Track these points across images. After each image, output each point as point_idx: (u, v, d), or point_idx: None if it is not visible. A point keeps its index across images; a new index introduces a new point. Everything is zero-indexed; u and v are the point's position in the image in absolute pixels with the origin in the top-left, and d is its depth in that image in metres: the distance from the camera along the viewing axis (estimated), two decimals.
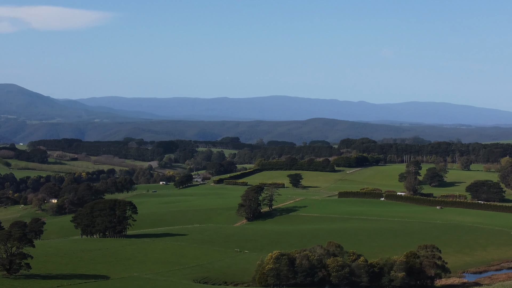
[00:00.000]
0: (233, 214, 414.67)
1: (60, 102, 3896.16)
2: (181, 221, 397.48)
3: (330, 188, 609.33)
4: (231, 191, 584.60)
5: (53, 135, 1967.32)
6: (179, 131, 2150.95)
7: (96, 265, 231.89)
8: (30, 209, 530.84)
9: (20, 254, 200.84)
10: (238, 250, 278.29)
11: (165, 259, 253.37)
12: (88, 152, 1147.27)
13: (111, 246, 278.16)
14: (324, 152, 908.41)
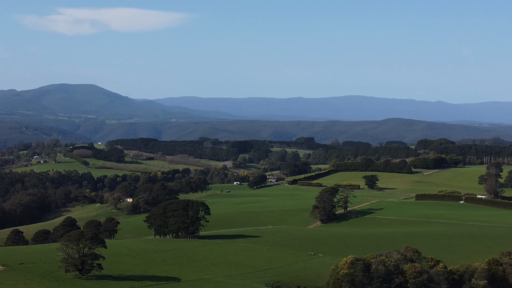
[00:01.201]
0: (307, 216, 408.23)
1: (138, 102, 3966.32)
2: (254, 222, 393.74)
3: (407, 190, 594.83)
4: (305, 192, 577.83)
5: (131, 135, 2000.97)
6: (254, 131, 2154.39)
7: (168, 267, 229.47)
8: (106, 208, 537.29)
9: (92, 255, 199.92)
10: (312, 253, 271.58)
11: (237, 261, 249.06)
12: (164, 151, 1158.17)
13: (183, 247, 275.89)
14: (401, 153, 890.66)
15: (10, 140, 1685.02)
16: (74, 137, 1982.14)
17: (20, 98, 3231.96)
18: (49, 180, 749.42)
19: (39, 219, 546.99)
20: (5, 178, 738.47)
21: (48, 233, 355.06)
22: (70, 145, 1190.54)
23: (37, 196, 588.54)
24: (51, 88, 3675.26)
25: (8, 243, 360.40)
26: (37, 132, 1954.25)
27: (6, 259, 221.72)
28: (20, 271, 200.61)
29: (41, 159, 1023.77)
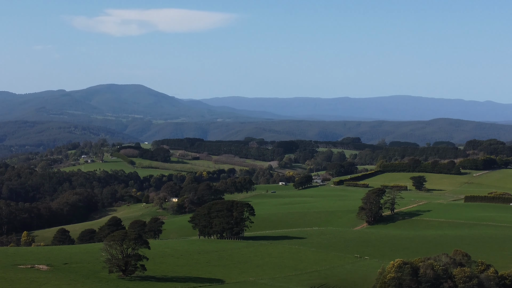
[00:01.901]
0: (353, 217, 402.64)
1: (184, 102, 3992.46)
2: (300, 224, 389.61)
3: (456, 192, 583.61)
4: (351, 193, 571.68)
5: (177, 135, 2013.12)
6: (300, 131, 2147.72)
7: (212, 268, 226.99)
8: (151, 207, 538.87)
9: (135, 256, 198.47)
10: (358, 256, 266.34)
11: (282, 263, 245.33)
12: (210, 151, 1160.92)
13: (228, 248, 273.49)
14: (449, 154, 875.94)
15: (59, 140, 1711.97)
16: (122, 136, 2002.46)
17: (69, 98, 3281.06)
18: (96, 179, 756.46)
19: (86, 218, 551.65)
20: (53, 177, 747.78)
21: (93, 232, 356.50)
22: (117, 145, 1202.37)
23: (84, 196, 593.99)
24: (99, 88, 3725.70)
25: (54, 242, 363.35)
26: (86, 131, 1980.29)
27: (51, 259, 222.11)
28: (64, 271, 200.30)
29: (89, 158, 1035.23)
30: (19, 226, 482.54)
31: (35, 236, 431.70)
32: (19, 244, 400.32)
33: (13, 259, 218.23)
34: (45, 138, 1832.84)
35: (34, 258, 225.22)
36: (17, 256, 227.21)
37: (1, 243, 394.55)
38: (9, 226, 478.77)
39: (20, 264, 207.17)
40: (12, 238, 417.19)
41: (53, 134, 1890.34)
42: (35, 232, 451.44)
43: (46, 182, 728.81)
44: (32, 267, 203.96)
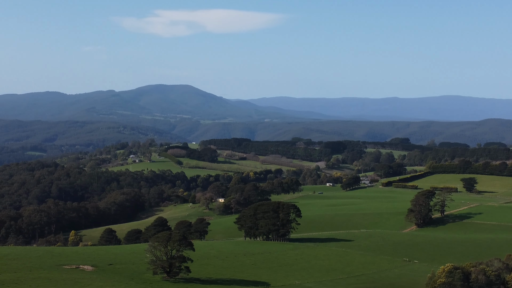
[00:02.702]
0: (402, 220, 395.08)
1: (232, 103, 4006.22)
2: (347, 225, 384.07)
3: (508, 194, 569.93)
4: (400, 194, 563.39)
5: (225, 135, 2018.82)
6: (348, 131, 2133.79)
7: (257, 270, 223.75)
8: (198, 208, 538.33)
9: (180, 257, 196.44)
10: (407, 260, 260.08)
11: (329, 266, 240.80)
12: (257, 151, 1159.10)
13: (274, 250, 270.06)
14: (501, 155, 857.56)
15: (108, 140, 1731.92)
16: (170, 136, 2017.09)
17: (118, 98, 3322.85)
18: (143, 179, 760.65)
19: (133, 218, 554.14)
20: (101, 177, 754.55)
21: (140, 232, 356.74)
22: (165, 145, 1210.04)
23: (131, 195, 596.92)
24: (148, 88, 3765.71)
25: (101, 242, 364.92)
26: (134, 131, 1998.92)
27: (96, 260, 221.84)
28: (109, 272, 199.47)
29: (137, 158, 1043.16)
30: (67, 226, 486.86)
31: (83, 235, 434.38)
32: (66, 244, 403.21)
33: (59, 259, 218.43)
34: (95, 138, 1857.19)
35: (80, 258, 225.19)
36: (62, 257, 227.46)
37: (49, 242, 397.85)
38: (57, 225, 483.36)
39: (65, 265, 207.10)
40: (60, 238, 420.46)
41: (103, 134, 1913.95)
42: (82, 232, 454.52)
43: (94, 182, 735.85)
44: (77, 268, 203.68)
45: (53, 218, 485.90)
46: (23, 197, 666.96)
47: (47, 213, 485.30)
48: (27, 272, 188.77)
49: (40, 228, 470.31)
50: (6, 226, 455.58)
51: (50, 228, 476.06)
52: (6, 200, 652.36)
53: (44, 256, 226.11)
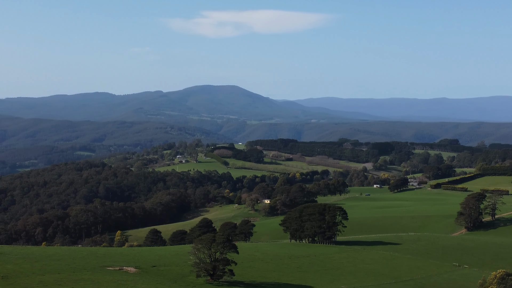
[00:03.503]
0: (451, 223, 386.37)
1: (279, 103, 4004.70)
2: (395, 228, 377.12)
3: None
4: (449, 197, 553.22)
5: (271, 135, 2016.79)
6: (395, 132, 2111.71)
7: (303, 274, 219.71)
8: (243, 209, 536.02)
9: (223, 260, 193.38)
10: (457, 265, 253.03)
11: (376, 270, 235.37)
12: (303, 152, 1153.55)
13: (319, 253, 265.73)
14: None
15: (156, 140, 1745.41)
16: (217, 137, 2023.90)
17: (166, 99, 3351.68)
18: (189, 179, 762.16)
19: (179, 218, 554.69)
20: (148, 177, 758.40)
21: (185, 233, 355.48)
22: (211, 145, 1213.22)
23: (177, 196, 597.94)
24: (195, 89, 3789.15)
25: (146, 242, 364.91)
26: (181, 132, 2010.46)
27: (140, 261, 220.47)
28: (152, 274, 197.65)
29: (183, 158, 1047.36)
30: (113, 225, 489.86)
31: (129, 235, 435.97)
32: (111, 244, 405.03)
33: (102, 261, 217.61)
34: (143, 138, 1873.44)
35: (123, 259, 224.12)
36: (106, 258, 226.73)
37: (95, 242, 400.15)
38: (103, 225, 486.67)
39: (109, 266, 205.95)
40: (105, 238, 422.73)
41: (150, 134, 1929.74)
42: (128, 232, 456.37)
43: (141, 182, 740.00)
44: (120, 269, 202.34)
45: (99, 218, 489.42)
46: (71, 197, 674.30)
47: (94, 213, 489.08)
48: (71, 273, 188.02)
49: (86, 228, 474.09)
50: (53, 225, 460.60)
51: (96, 228, 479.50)
52: (54, 199, 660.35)
53: (88, 257, 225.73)
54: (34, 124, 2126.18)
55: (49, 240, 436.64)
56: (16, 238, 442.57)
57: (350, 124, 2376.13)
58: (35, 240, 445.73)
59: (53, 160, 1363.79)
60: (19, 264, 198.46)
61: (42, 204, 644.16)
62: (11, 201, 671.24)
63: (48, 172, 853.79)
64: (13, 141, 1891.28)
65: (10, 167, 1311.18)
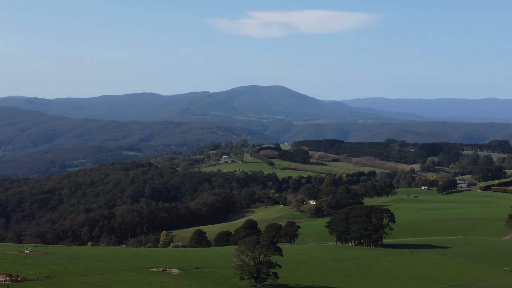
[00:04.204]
0: (502, 226, 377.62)
1: (325, 103, 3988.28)
2: (443, 231, 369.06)
3: None
4: (499, 199, 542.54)
5: (317, 136, 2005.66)
6: (443, 133, 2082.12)
7: (348, 278, 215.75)
8: (288, 210, 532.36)
9: (267, 263, 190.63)
10: (508, 270, 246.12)
11: (423, 275, 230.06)
12: (350, 153, 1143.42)
13: (366, 256, 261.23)
14: None
15: (202, 140, 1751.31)
16: (262, 137, 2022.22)
17: (212, 99, 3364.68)
18: (235, 180, 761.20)
19: (224, 219, 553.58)
20: (193, 177, 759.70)
21: (229, 234, 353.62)
22: (257, 146, 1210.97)
23: (222, 196, 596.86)
24: (241, 89, 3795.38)
25: (191, 243, 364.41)
26: (228, 132, 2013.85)
27: (183, 262, 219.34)
28: (195, 276, 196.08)
29: (229, 159, 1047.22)
30: (159, 226, 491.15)
31: (174, 236, 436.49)
32: (156, 244, 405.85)
33: (146, 262, 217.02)
34: (189, 138, 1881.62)
35: (167, 261, 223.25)
36: (150, 259, 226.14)
37: (140, 242, 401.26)
38: (149, 225, 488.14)
39: (152, 267, 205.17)
40: (150, 238, 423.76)
41: (197, 135, 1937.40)
42: (174, 232, 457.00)
43: (186, 182, 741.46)
44: (163, 271, 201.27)
45: (145, 218, 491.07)
46: (118, 197, 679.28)
47: (139, 213, 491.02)
48: (114, 274, 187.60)
49: (132, 228, 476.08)
50: (99, 225, 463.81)
51: (142, 228, 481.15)
52: (101, 199, 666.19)
53: (132, 258, 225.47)
54: (82, 124, 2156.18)
55: (95, 240, 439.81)
56: (63, 237, 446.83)
57: (397, 125, 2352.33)
58: (82, 240, 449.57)
59: (101, 160, 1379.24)
60: (63, 264, 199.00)
61: (89, 203, 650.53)
62: (59, 201, 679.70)
63: (95, 171, 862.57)
64: (62, 141, 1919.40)
65: (59, 167, 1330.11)
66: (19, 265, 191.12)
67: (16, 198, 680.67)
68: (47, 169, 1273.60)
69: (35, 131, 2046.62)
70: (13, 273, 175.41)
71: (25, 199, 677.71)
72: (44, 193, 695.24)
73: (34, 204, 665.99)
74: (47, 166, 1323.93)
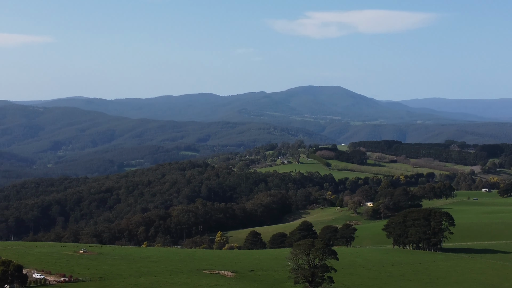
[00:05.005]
0: None
1: (383, 104, 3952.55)
2: (505, 235, 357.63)
3: None
4: None
5: (375, 136, 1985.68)
6: (505, 134, 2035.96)
7: (406, 283, 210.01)
8: (345, 211, 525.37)
9: (323, 267, 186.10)
10: None
11: (485, 281, 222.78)
12: (408, 154, 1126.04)
13: (424, 260, 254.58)
14: None
15: (259, 140, 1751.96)
16: (319, 138, 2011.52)
17: (269, 100, 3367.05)
18: (291, 181, 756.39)
19: (279, 220, 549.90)
20: (249, 177, 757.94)
21: (284, 236, 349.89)
22: (313, 146, 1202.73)
23: (278, 197, 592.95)
24: (298, 90, 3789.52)
25: (246, 244, 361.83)
26: (284, 133, 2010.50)
27: (237, 265, 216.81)
28: (249, 279, 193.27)
29: (285, 159, 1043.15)
30: (214, 226, 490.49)
31: (229, 236, 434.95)
32: (211, 245, 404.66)
33: (200, 263, 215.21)
34: (246, 139, 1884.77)
35: (221, 263, 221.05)
36: (203, 260, 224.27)
37: (195, 243, 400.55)
38: (204, 225, 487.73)
39: (206, 269, 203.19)
40: (205, 239, 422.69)
41: (253, 135, 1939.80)
42: (229, 233, 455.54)
43: (242, 183, 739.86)
44: (217, 273, 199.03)
45: (200, 218, 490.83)
46: (174, 196, 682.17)
47: (195, 213, 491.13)
48: (167, 276, 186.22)
49: (187, 228, 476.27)
50: (155, 225, 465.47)
51: (197, 228, 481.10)
52: (157, 199, 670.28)
53: (186, 260, 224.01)
54: (141, 124, 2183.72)
55: (150, 240, 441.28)
56: (119, 237, 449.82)
57: (456, 126, 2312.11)
58: (137, 239, 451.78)
59: (158, 159, 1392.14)
60: (117, 265, 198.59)
61: (146, 203, 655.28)
62: (116, 200, 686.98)
63: (152, 171, 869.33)
64: (121, 141, 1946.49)
65: (118, 166, 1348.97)
66: (73, 265, 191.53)
67: (75, 197, 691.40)
68: (106, 169, 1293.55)
69: (95, 131, 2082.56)
70: (67, 274, 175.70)
71: (84, 198, 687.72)
72: (102, 193, 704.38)
73: (92, 203, 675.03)
74: (106, 166, 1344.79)
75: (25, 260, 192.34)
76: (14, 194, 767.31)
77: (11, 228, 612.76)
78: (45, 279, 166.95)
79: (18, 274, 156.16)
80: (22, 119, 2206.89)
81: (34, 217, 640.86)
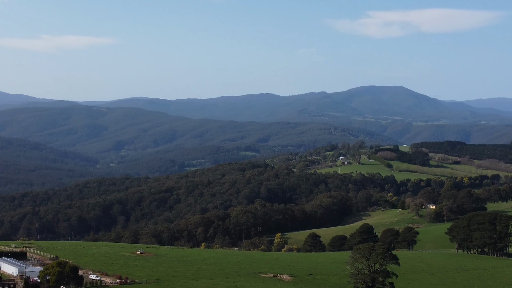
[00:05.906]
0: None
1: (446, 104, 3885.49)
2: None
3: None
4: None
5: (437, 137, 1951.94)
6: None
7: None
8: (407, 214, 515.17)
9: (383, 272, 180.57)
10: None
11: None
12: (472, 155, 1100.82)
13: (489, 266, 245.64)
14: None
15: (319, 141, 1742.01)
16: (380, 138, 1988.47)
17: (330, 100, 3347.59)
18: (351, 182, 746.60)
19: (339, 222, 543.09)
20: (309, 178, 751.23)
21: (344, 239, 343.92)
22: (374, 147, 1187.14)
23: (338, 199, 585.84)
24: (359, 90, 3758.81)
25: (305, 246, 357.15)
26: (345, 133, 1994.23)
27: (296, 268, 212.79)
28: (307, 283, 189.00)
29: (346, 160, 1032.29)
30: (273, 227, 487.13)
31: (288, 238, 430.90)
32: (270, 246, 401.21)
33: (257, 266, 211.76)
34: (306, 139, 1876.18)
35: (279, 266, 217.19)
36: (261, 263, 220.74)
37: (253, 244, 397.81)
38: (263, 226, 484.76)
39: (263, 272, 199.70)
40: (264, 240, 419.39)
41: (314, 135, 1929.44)
42: (288, 234, 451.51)
43: (302, 183, 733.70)
44: (274, 277, 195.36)
45: (259, 219, 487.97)
46: (233, 197, 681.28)
47: (254, 214, 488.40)
48: (223, 279, 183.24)
49: (246, 229, 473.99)
50: (214, 226, 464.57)
51: (256, 229, 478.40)
52: (217, 199, 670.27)
53: (243, 262, 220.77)
54: (202, 124, 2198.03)
55: (209, 241, 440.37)
56: (178, 237, 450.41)
57: None
58: (196, 240, 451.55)
59: (219, 159, 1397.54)
60: (173, 267, 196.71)
61: (205, 203, 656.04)
62: (176, 200, 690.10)
63: (212, 171, 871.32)
64: (182, 141, 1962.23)
65: (179, 166, 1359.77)
66: (129, 267, 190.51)
67: (136, 197, 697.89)
68: (167, 169, 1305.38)
69: (157, 131, 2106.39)
70: (123, 275, 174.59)
71: (144, 198, 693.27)
72: (162, 192, 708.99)
73: (152, 203, 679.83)
74: (167, 166, 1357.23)
75: (83, 261, 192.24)
76: (77, 193, 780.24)
77: (73, 227, 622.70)
78: (101, 281, 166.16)
79: (74, 275, 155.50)
80: (86, 119, 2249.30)
81: (96, 216, 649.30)
